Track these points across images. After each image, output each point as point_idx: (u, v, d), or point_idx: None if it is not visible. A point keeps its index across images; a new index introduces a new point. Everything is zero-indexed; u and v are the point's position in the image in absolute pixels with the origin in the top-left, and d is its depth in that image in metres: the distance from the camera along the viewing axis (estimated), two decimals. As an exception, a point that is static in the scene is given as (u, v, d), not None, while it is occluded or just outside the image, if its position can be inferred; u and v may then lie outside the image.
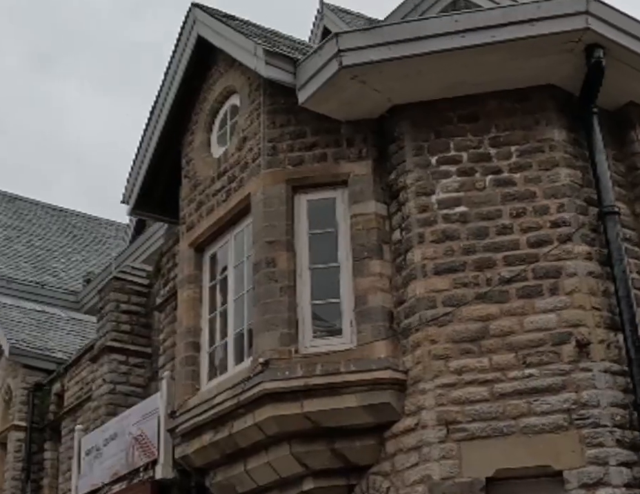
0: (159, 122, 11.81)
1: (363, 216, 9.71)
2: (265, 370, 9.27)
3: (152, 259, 22.14)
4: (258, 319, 9.60)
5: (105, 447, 12.94)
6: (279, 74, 9.86)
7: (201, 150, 11.44)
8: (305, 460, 9.36)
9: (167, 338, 12.44)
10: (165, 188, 12.13)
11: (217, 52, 11.41)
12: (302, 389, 9.13)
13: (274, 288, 9.61)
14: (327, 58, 9.46)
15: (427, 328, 9.01)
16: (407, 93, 9.71)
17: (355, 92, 9.65)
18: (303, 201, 10.05)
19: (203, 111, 11.61)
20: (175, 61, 11.67)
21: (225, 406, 9.69)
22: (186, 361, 10.76)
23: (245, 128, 10.59)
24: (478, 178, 9.51)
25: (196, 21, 11.45)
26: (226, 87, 11.28)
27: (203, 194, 11.12)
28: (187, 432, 10.36)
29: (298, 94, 9.85)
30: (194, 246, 11.16)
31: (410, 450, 8.85)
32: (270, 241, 9.78)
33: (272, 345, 9.38)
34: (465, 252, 9.24)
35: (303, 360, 9.29)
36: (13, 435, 16.94)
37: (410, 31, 9.30)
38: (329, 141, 10.09)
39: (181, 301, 11.10)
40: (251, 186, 10.23)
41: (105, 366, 13.98)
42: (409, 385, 9.04)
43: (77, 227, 28.08)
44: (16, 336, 17.48)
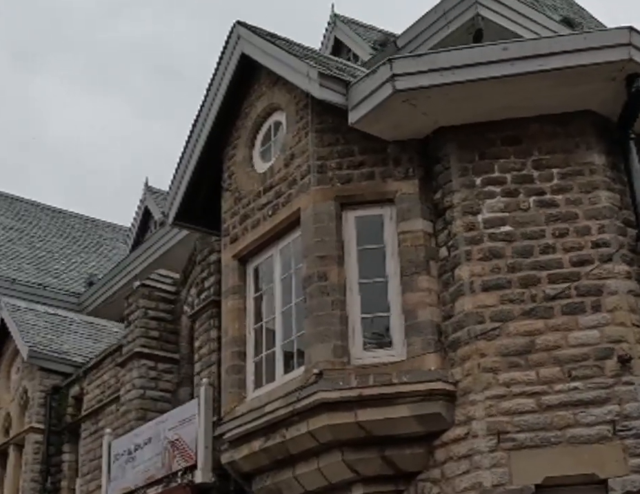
0: (201, 136, 12.15)
1: (411, 233, 10.14)
2: (319, 381, 9.67)
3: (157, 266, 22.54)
4: (311, 331, 10.01)
5: (137, 451, 13.27)
6: (331, 96, 10.27)
7: (243, 164, 11.81)
8: (356, 467, 9.78)
9: (202, 345, 12.80)
10: (205, 200, 12.45)
11: (260, 69, 11.78)
12: (356, 399, 9.55)
13: (326, 301, 10.02)
14: (381, 82, 9.88)
15: (477, 342, 9.47)
16: (453, 116, 10.16)
17: (405, 114, 10.08)
18: (351, 218, 10.46)
19: (244, 126, 11.98)
20: (218, 76, 12.02)
21: (278, 414, 10.08)
22: (232, 370, 11.13)
23: (293, 146, 10.98)
24: (522, 199, 9.98)
25: (240, 38, 11.81)
26: (270, 105, 11.65)
27: (248, 207, 11.49)
28: (236, 439, 10.72)
29: (350, 115, 10.26)
30: (238, 258, 11.54)
31: (461, 459, 9.30)
32: (321, 256, 10.19)
33: (325, 356, 9.78)
34: (511, 270, 9.71)
35: (356, 371, 9.71)
36: (31, 437, 17.17)
37: (462, 58, 9.74)
38: (376, 160, 10.52)
39: (225, 311, 11.47)
40: (300, 202, 10.62)
41: (134, 371, 14.29)
42: (458, 396, 9.48)
43: (75, 228, 28.29)
44: (33, 339, 17.72)
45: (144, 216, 25.01)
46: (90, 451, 16.22)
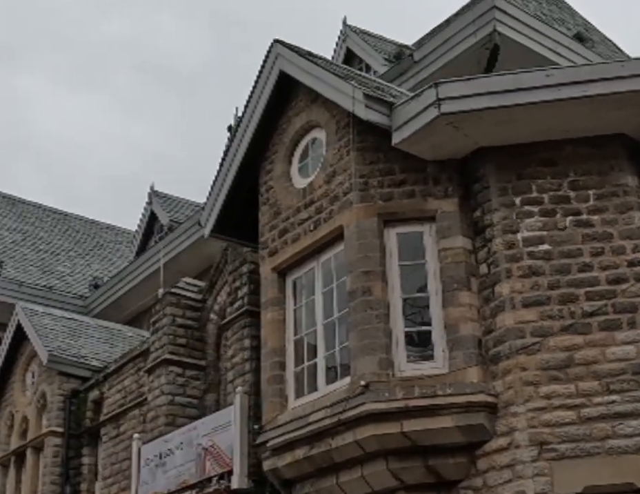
0: (239, 150, 12.49)
1: (452, 250, 10.55)
2: (366, 392, 10.05)
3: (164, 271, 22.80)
4: (356, 344, 10.38)
5: (168, 456, 13.58)
6: (376, 117, 10.65)
7: (282, 179, 12.16)
8: (401, 475, 10.17)
9: (235, 354, 13.13)
10: (240, 212, 12.78)
11: (297, 85, 12.14)
12: (402, 410, 9.95)
13: (370, 316, 10.40)
14: (426, 105, 10.28)
15: (518, 356, 9.89)
16: (493, 137, 10.57)
17: (447, 135, 10.49)
18: (393, 234, 10.85)
19: (282, 142, 12.33)
20: (256, 93, 12.36)
21: (324, 423, 10.45)
22: (273, 380, 11.49)
23: (334, 163, 11.35)
24: (559, 219, 10.41)
25: (278, 56, 12.16)
26: (308, 122, 12.01)
27: (287, 222, 11.85)
28: (279, 447, 11.07)
29: (393, 136, 10.65)
30: (277, 270, 11.89)
31: (503, 468, 9.71)
32: (366, 271, 10.57)
33: (371, 368, 10.17)
34: (550, 287, 10.13)
35: (401, 383, 10.11)
36: (50, 440, 17.41)
37: (506, 83, 10.15)
38: (416, 178, 10.91)
39: (265, 322, 11.81)
40: (343, 218, 10.99)
41: (162, 377, 14.58)
42: (500, 408, 9.90)
43: (78, 231, 28.50)
44: (52, 344, 17.95)
45: (150, 220, 25.24)
46: (111, 455, 16.50)
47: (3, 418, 19.27)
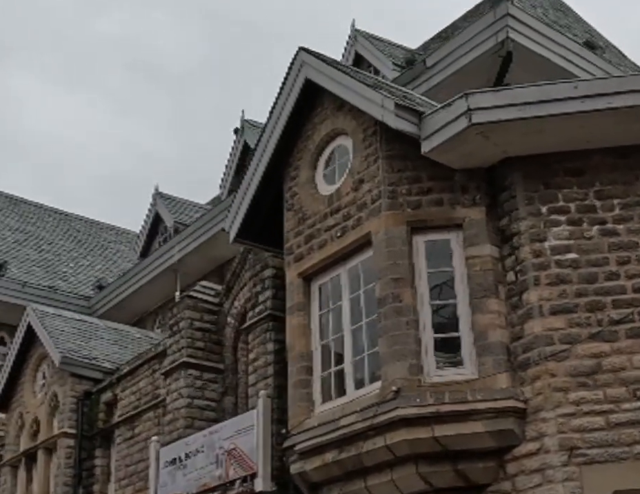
0: (264, 157, 12.63)
1: (480, 258, 10.72)
2: (397, 397, 10.21)
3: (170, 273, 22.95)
4: (386, 350, 10.55)
5: (189, 459, 13.71)
6: (405, 126, 10.81)
7: (307, 185, 12.30)
8: (430, 479, 10.34)
9: (257, 357, 13.27)
10: (264, 218, 12.92)
11: (322, 92, 12.29)
12: (433, 415, 10.12)
13: (400, 322, 10.57)
14: (456, 115, 10.45)
15: (547, 362, 10.08)
16: (521, 147, 10.76)
17: (476, 145, 10.66)
18: (421, 242, 11.02)
19: (307, 148, 12.47)
20: (281, 99, 12.51)
21: (354, 428, 10.60)
22: (300, 384, 11.63)
23: (362, 171, 11.50)
24: (586, 228, 10.60)
25: (303, 64, 12.31)
26: (334, 129, 12.16)
27: (313, 228, 11.99)
28: (308, 451, 11.22)
29: (422, 144, 10.81)
30: (303, 276, 12.03)
31: (533, 472, 9.90)
32: (396, 278, 10.73)
33: (402, 374, 10.34)
34: (578, 295, 10.33)
35: (432, 389, 10.28)
36: (63, 441, 17.49)
37: (535, 94, 10.33)
38: (444, 187, 11.08)
39: (291, 327, 11.96)
40: (371, 226, 11.15)
41: (181, 380, 14.70)
42: (529, 413, 10.08)
43: (80, 231, 28.56)
44: (64, 345, 18.04)
45: (154, 222, 25.35)
46: (125, 457, 16.60)
47: (12, 419, 19.35)
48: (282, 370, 12.91)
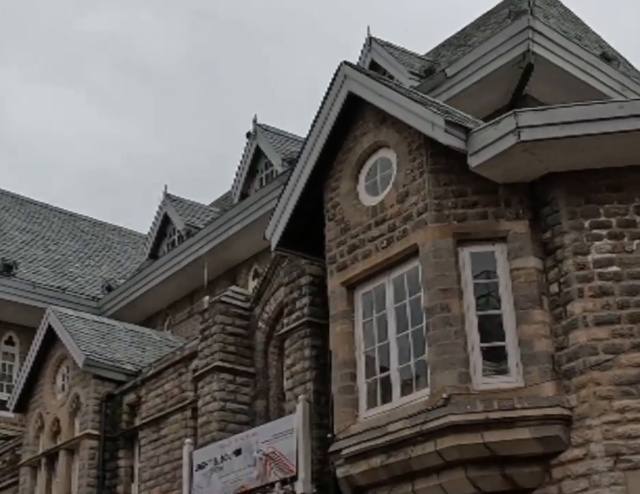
0: (306, 169, 12.96)
1: (524, 270, 11.12)
2: (447, 404, 10.59)
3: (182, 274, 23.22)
4: (435, 358, 10.92)
5: (225, 461, 14.01)
6: (453, 141, 11.19)
7: (349, 196, 12.64)
8: (478, 483, 10.74)
9: (295, 363, 13.60)
10: (304, 227, 13.24)
11: (364, 105, 12.63)
12: (483, 422, 10.51)
13: (449, 331, 10.95)
14: (505, 132, 10.85)
15: (592, 371, 10.49)
16: (563, 163, 11.17)
17: (522, 161, 11.06)
18: (466, 254, 11.40)
19: (348, 160, 12.80)
20: (324, 112, 12.84)
21: (403, 434, 10.97)
22: (344, 390, 11.99)
23: (407, 183, 11.86)
24: (627, 242, 11.03)
25: (346, 78, 12.64)
26: (376, 142, 12.51)
27: (357, 238, 12.33)
28: (354, 455, 11.56)
29: (469, 160, 11.20)
30: (346, 285, 12.38)
31: (579, 477, 10.32)
32: (443, 289, 11.11)
33: (451, 382, 10.72)
34: (620, 307, 10.75)
35: (480, 396, 10.67)
36: (86, 443, 17.72)
37: (581, 113, 10.75)
38: (488, 200, 11.46)
39: (334, 334, 12.30)
40: (417, 237, 11.51)
41: (214, 384, 14.99)
42: (575, 420, 10.50)
43: (85, 231, 28.74)
44: (87, 347, 18.26)
45: (162, 223, 25.59)
46: (151, 458, 16.86)
47: (31, 420, 19.55)
48: (319, 376, 13.29)
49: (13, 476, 20.37)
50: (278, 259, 15.29)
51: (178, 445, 16.27)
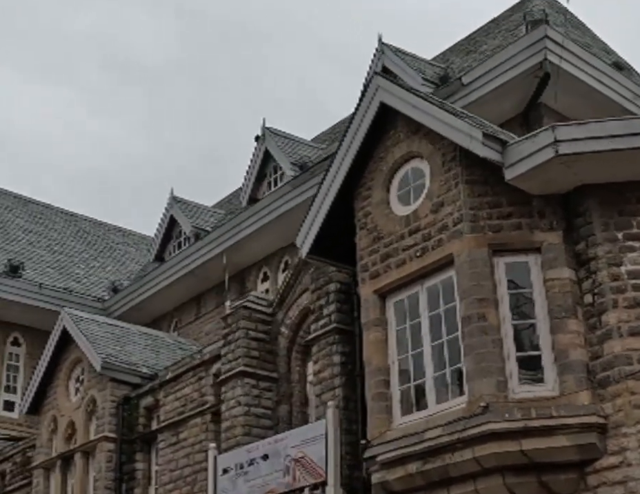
0: (337, 178, 13.12)
1: (559, 280, 11.35)
2: (486, 412, 10.79)
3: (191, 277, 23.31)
4: (473, 367, 11.12)
5: (252, 466, 14.16)
6: (490, 154, 11.40)
7: (380, 206, 12.82)
8: (515, 489, 10.95)
9: (322, 369, 13.78)
10: (334, 235, 13.40)
11: (396, 117, 12.81)
12: (521, 430, 10.72)
13: (486, 340, 11.15)
14: (542, 146, 11.07)
15: (627, 381, 10.73)
16: (597, 175, 11.39)
17: (557, 174, 11.28)
18: (501, 264, 11.61)
19: (380, 169, 12.98)
20: (356, 122, 13.01)
21: (441, 440, 11.16)
22: (379, 397, 12.16)
23: (441, 194, 12.05)
24: (660, 254, 11.27)
25: (378, 88, 12.82)
26: (409, 152, 12.69)
27: (390, 247, 12.51)
28: (391, 461, 11.74)
29: (506, 172, 11.41)
30: (379, 293, 12.55)
31: (615, 484, 10.55)
32: (480, 298, 11.32)
33: (489, 390, 10.93)
34: (654, 318, 11.00)
35: (518, 404, 10.87)
36: (104, 445, 17.83)
37: (618, 128, 10.99)
38: (523, 211, 11.68)
39: (368, 342, 12.48)
40: (453, 247, 11.70)
41: (238, 388, 15.13)
42: (610, 428, 10.72)
43: (88, 232, 28.77)
44: (104, 350, 18.36)
45: (169, 225, 25.66)
46: (170, 461, 16.99)
47: (45, 422, 19.62)
48: (348, 382, 13.47)
49: (24, 478, 20.45)
50: (301, 265, 15.46)
51: (199, 449, 16.44)
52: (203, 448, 16.33)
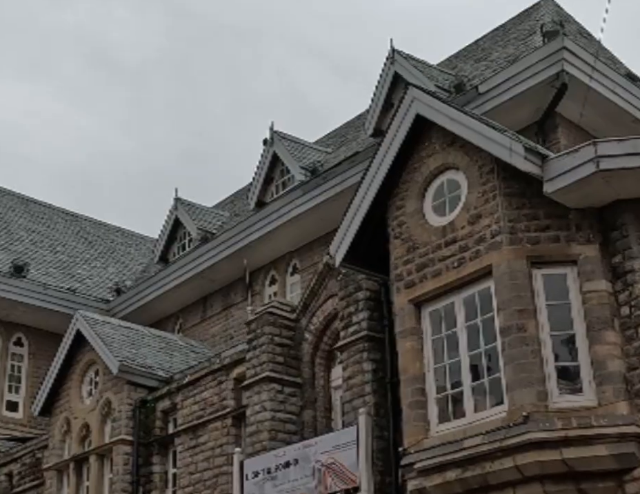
0: (371, 188, 13.30)
1: (596, 292, 11.60)
2: (527, 422, 11.02)
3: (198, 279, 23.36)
4: (513, 377, 11.35)
5: (279, 471, 14.32)
6: (531, 168, 11.64)
7: (415, 216, 13.01)
8: (554, 497, 11.20)
9: (352, 376, 13.95)
10: (365, 243, 13.58)
11: (431, 129, 13.01)
12: (562, 439, 10.96)
13: (526, 351, 11.38)
14: (584, 161, 11.32)
15: (664, 392, 10.99)
16: (635, 190, 11.64)
17: (596, 188, 11.54)
18: (539, 275, 11.84)
19: (414, 180, 13.17)
20: (391, 133, 13.21)
21: (481, 449, 11.37)
22: (415, 405, 12.36)
23: (479, 206, 12.25)
24: (694, 267, 11.54)
25: (414, 100, 13.01)
26: (444, 164, 12.89)
27: (426, 257, 12.70)
28: (429, 469, 11.94)
29: (545, 185, 11.65)
30: (414, 302, 12.75)
31: (653, 493, 10.82)
32: (520, 310, 11.54)
33: (530, 400, 11.16)
34: (690, 331, 11.28)
35: (558, 414, 11.11)
36: (120, 448, 17.90)
37: (657, 145, 11.23)
38: (560, 224, 11.92)
39: (404, 350, 12.67)
40: (492, 258, 11.92)
41: (263, 394, 15.26)
42: (648, 439, 10.99)
43: (89, 232, 28.74)
44: (120, 353, 18.42)
45: (173, 227, 25.73)
46: (189, 465, 17.09)
47: (57, 424, 19.64)
48: (379, 389, 13.66)
49: (34, 479, 20.48)
50: (326, 271, 15.63)
51: (219, 452, 16.57)
52: (224, 452, 16.48)
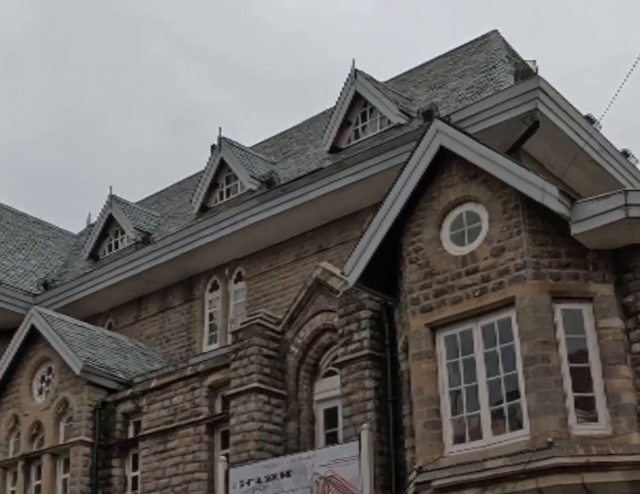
0: (390, 213, 13.76)
1: (611, 329, 12.50)
2: (551, 447, 11.77)
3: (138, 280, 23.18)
4: (537, 404, 12.08)
5: (271, 481, 14.57)
6: (563, 209, 12.41)
7: (432, 243, 13.57)
8: (572, 519, 11.98)
9: (353, 392, 14.40)
10: (382, 267, 14.04)
11: (452, 160, 13.62)
12: (584, 465, 11.76)
13: (550, 380, 12.14)
14: (613, 207, 12.20)
15: (672, 426, 11.98)
16: (648, 236, 12.64)
17: (619, 233, 12.44)
18: (558, 310, 12.64)
19: (432, 208, 13.73)
20: (412, 162, 13.73)
21: (504, 470, 12.02)
22: (431, 425, 12.90)
23: (502, 239, 12.93)
24: (701, 310, 12.62)
25: (438, 132, 13.59)
26: (464, 196, 13.51)
27: (444, 284, 13.28)
28: (446, 487, 12.50)
29: (572, 227, 12.46)
30: (430, 326, 13.30)
31: (663, 518, 11.77)
32: (543, 341, 12.29)
33: (554, 426, 11.93)
34: (697, 368, 12.32)
35: (579, 441, 11.91)
36: (80, 449, 17.69)
37: (680, 198, 12.23)
38: (579, 263, 12.75)
39: (419, 372, 13.19)
40: (516, 291, 12.62)
41: (251, 404, 15.46)
42: (658, 467, 11.94)
43: (10, 223, 27.85)
44: (81, 353, 18.18)
45: (105, 225, 25.42)
46: (155, 469, 17.08)
47: (4, 420, 19.14)
48: (381, 406, 14.15)
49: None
50: (314, 286, 16.01)
51: (191, 459, 16.69)
52: (197, 458, 16.60)
